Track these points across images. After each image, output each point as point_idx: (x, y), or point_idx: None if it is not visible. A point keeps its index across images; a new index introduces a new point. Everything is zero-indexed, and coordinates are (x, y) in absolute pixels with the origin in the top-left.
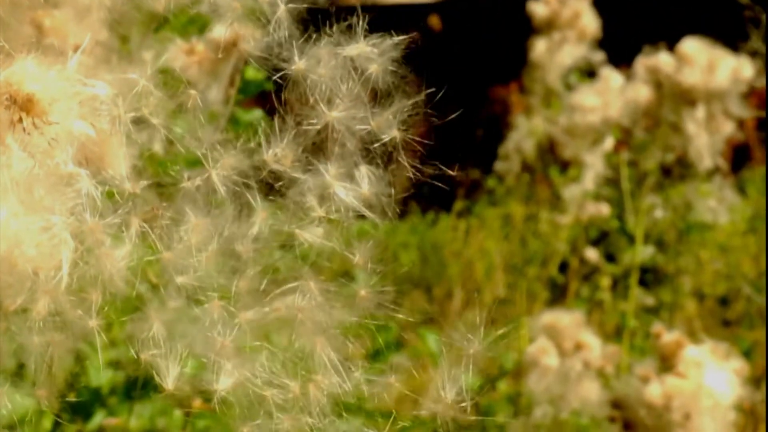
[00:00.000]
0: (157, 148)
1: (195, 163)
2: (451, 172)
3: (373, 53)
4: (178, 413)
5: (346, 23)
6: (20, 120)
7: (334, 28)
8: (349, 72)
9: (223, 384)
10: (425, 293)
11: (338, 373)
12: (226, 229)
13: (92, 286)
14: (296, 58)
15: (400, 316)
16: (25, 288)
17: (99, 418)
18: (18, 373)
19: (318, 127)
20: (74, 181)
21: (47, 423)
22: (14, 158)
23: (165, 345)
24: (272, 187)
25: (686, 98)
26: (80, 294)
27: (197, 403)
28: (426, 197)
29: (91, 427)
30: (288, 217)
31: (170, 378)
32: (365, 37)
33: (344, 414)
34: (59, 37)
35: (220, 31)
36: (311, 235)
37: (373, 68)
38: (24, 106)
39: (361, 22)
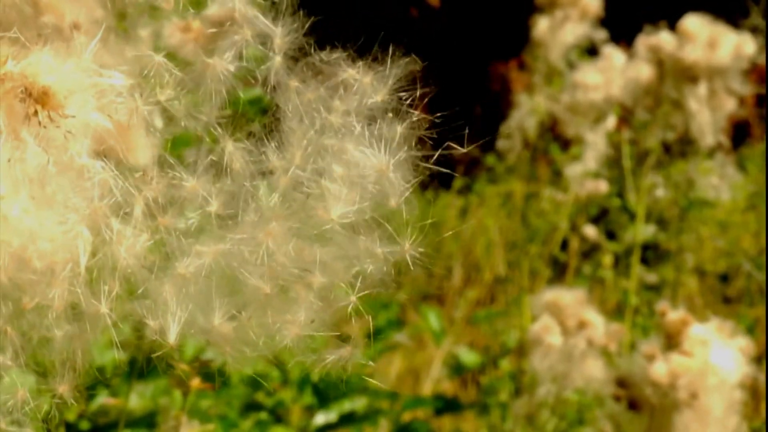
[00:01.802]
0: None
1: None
2: (454, 148)
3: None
4: (178, 393)
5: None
6: (36, 113)
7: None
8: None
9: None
10: (425, 271)
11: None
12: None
13: (109, 275)
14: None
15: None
16: (41, 284)
17: (101, 398)
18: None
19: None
20: (90, 173)
21: (46, 404)
22: (29, 152)
23: (169, 305)
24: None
25: (688, 75)
26: (96, 284)
27: (196, 382)
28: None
29: (93, 407)
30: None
31: (172, 334)
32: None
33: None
34: (55, 15)
35: (216, 9)
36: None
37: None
38: (39, 98)
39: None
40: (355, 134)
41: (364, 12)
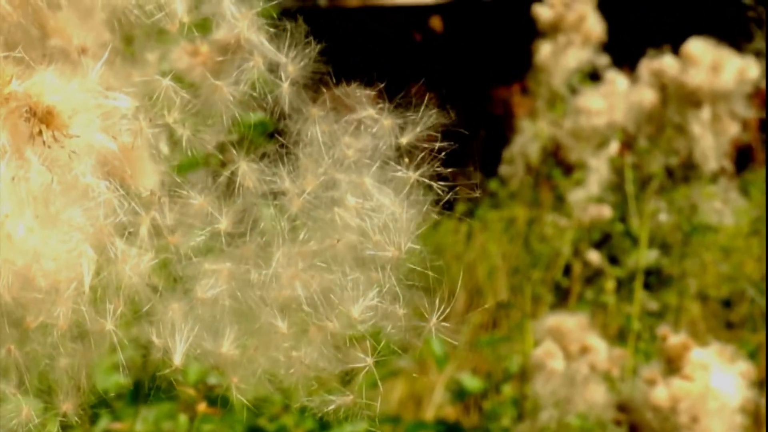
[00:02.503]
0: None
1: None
2: (458, 175)
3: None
4: (183, 417)
5: None
6: (40, 133)
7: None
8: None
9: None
10: (427, 296)
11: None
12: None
13: (114, 294)
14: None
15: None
16: (45, 303)
17: (105, 422)
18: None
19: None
20: (94, 192)
21: (52, 427)
22: (33, 171)
23: (175, 326)
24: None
25: (691, 99)
26: (100, 303)
27: (202, 406)
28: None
29: (97, 430)
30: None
31: (177, 354)
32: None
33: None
34: (63, 39)
35: (222, 33)
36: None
37: None
38: (44, 118)
39: None
40: (371, 171)
41: (367, 37)
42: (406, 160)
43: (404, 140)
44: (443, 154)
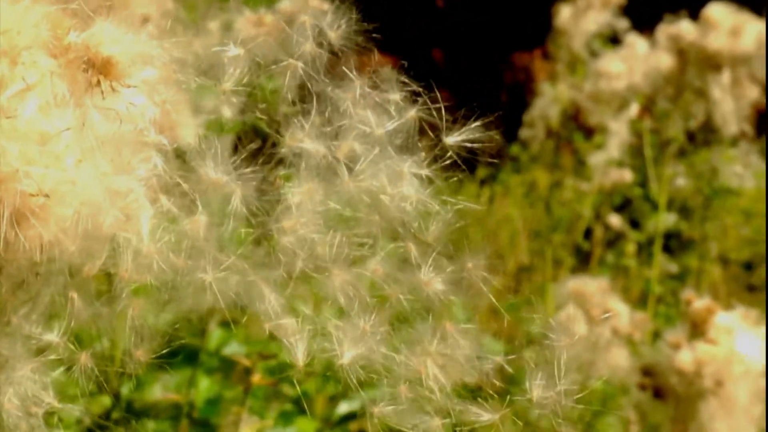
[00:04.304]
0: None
1: None
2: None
3: None
4: (204, 383)
5: None
6: (98, 83)
7: None
8: None
9: (347, 357)
10: (449, 260)
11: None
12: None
13: (175, 250)
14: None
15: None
16: (104, 252)
17: (126, 388)
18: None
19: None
20: (154, 148)
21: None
22: (95, 121)
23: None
24: None
25: (711, 63)
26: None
27: (258, 377)
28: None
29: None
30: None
31: (300, 354)
32: None
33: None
34: (125, 8)
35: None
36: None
37: None
38: (102, 68)
39: None
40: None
41: (390, 2)
42: (431, 134)
43: (449, 141)
44: (466, 121)
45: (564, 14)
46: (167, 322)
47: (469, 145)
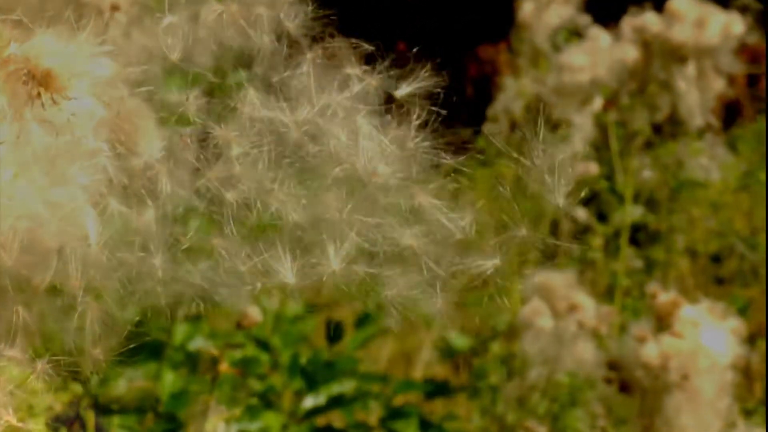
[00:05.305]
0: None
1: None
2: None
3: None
4: (169, 377)
5: None
6: (39, 95)
7: None
8: None
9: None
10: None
11: None
12: None
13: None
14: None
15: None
16: (51, 264)
17: (93, 380)
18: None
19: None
20: (94, 156)
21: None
22: (34, 133)
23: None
24: None
25: (676, 56)
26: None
27: (225, 366)
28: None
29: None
30: None
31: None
32: None
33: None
34: None
35: None
36: None
37: None
38: (42, 81)
39: None
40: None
41: None
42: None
43: (398, 93)
44: (432, 115)
45: (526, 8)
46: (130, 318)
47: (420, 93)
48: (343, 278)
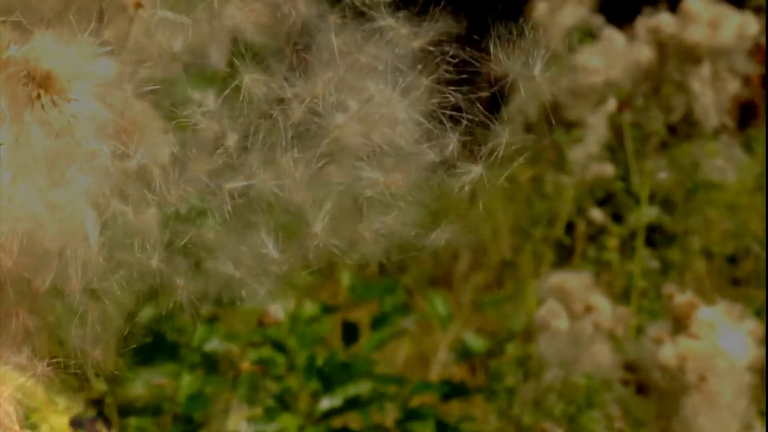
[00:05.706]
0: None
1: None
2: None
3: None
4: (185, 378)
5: None
6: (38, 97)
7: None
8: None
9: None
10: (431, 256)
11: None
12: None
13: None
14: None
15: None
16: (52, 266)
17: (102, 385)
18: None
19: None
20: (94, 157)
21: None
22: (34, 136)
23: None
24: None
25: (690, 56)
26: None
27: (246, 365)
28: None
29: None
30: None
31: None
32: None
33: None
34: None
35: None
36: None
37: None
38: (42, 83)
39: None
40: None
41: None
42: (419, 66)
43: (416, 44)
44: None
45: (540, 9)
46: (146, 319)
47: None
48: (327, 238)
